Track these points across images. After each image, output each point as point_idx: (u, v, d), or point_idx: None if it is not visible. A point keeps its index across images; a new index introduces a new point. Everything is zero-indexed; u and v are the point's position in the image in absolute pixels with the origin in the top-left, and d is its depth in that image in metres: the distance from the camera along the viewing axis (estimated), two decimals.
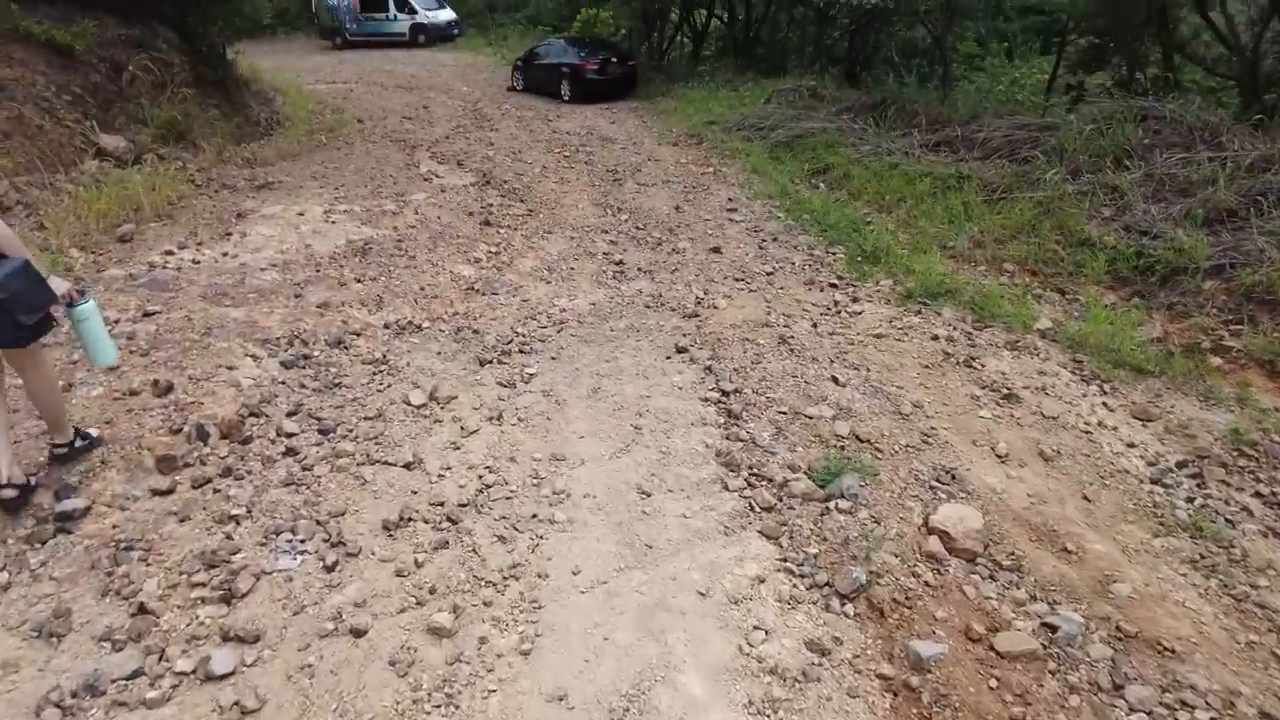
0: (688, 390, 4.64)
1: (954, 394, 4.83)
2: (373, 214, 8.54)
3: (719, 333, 5.55)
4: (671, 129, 13.86)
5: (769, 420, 4.30)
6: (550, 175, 10.73)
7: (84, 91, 10.26)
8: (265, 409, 4.21)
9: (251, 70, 17.43)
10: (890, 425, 4.35)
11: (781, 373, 4.87)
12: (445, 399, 4.30)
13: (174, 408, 4.16)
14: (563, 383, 4.63)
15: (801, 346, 5.34)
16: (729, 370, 4.87)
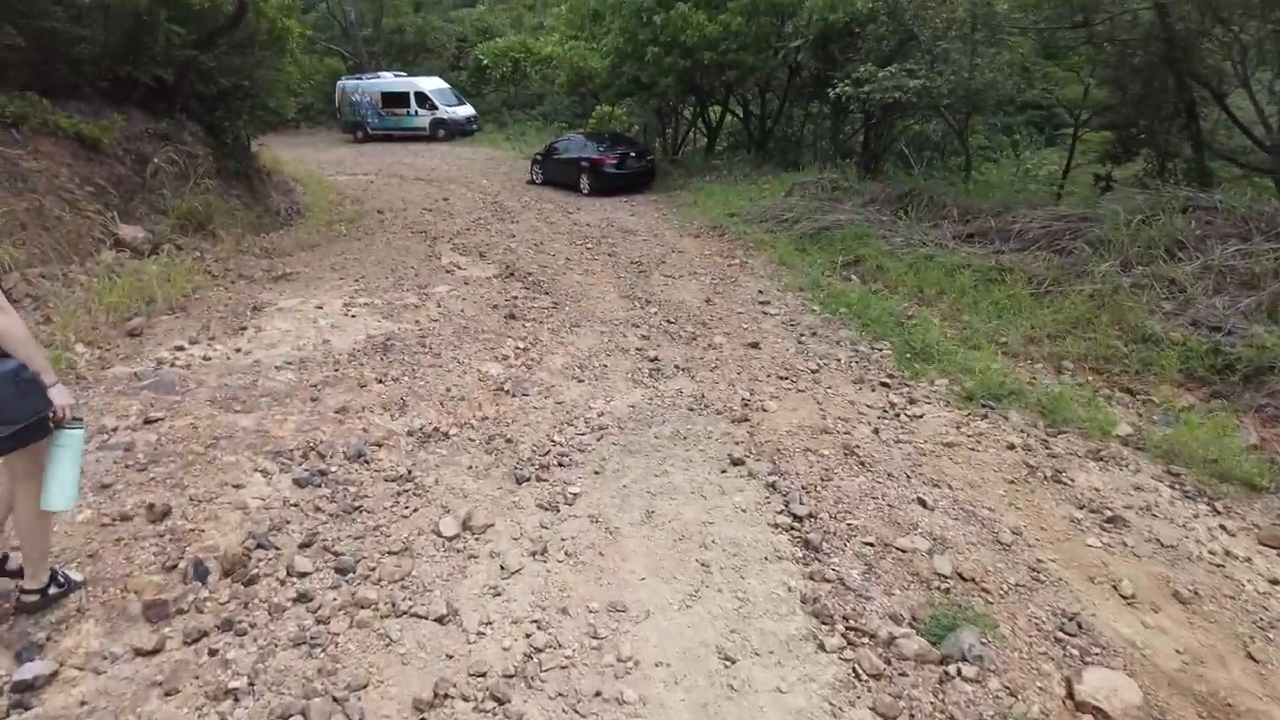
0: (753, 513, 4.02)
1: (1050, 516, 4.20)
2: (394, 307, 8.08)
3: (775, 441, 4.96)
4: (692, 221, 13.58)
5: (855, 553, 3.66)
6: (574, 267, 10.34)
7: (107, 183, 9.99)
8: (275, 539, 3.59)
9: (274, 162, 17.42)
10: (993, 558, 3.71)
11: (858, 492, 4.25)
12: (480, 528, 3.68)
13: (170, 537, 3.55)
14: (611, 505, 4.01)
15: (871, 459, 4.74)
16: (796, 489, 4.26)
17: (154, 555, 3.43)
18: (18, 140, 9.06)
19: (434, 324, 7.61)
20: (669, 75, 16.73)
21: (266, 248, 11.32)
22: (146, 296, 7.54)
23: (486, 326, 7.60)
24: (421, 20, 32.16)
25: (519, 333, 7.47)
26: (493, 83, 29.07)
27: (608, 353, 6.87)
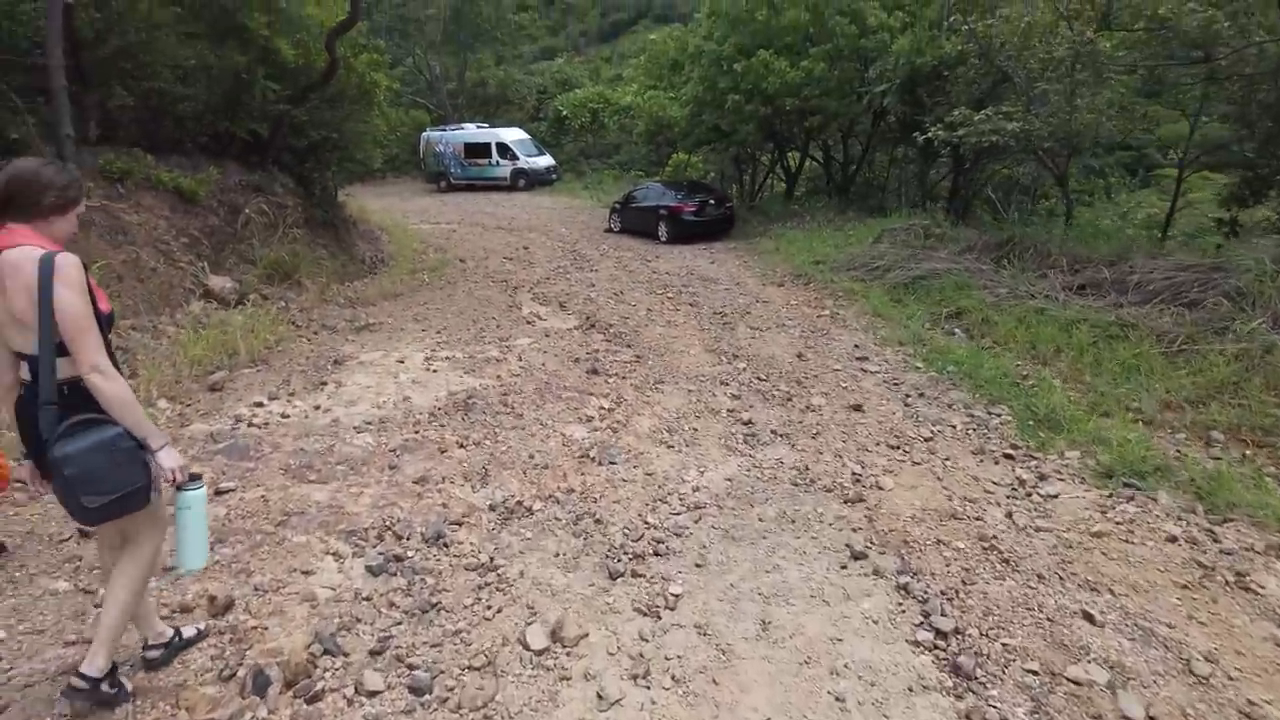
0: (887, 625, 3.39)
1: (1246, 637, 3.44)
2: (475, 361, 7.74)
3: (899, 529, 4.32)
4: (775, 269, 13.04)
5: (1017, 684, 3.00)
6: (656, 318, 9.88)
7: (201, 234, 10.05)
8: (344, 641, 3.14)
9: (360, 211, 17.64)
10: (1190, 697, 2.99)
11: (1008, 600, 3.57)
12: (572, 639, 3.15)
13: (230, 637, 3.14)
14: (720, 611, 3.44)
15: (1014, 553, 4.05)
16: (934, 594, 3.61)
17: (211, 659, 3.01)
18: (121, 194, 9.18)
19: (515, 379, 7.22)
20: (749, 122, 16.37)
21: (351, 297, 11.24)
22: (230, 349, 7.38)
23: (569, 383, 7.17)
24: (503, 73, 32.86)
25: (602, 390, 7.01)
26: (571, 133, 29.34)
27: (697, 414, 6.34)
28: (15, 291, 2.31)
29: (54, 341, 2.34)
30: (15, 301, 2.32)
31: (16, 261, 2.31)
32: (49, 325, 2.31)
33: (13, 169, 2.42)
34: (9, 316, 2.35)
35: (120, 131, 10.29)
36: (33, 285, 2.29)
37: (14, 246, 2.34)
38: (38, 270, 2.29)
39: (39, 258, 2.31)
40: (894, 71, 14.64)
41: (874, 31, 14.99)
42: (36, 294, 2.29)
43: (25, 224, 2.40)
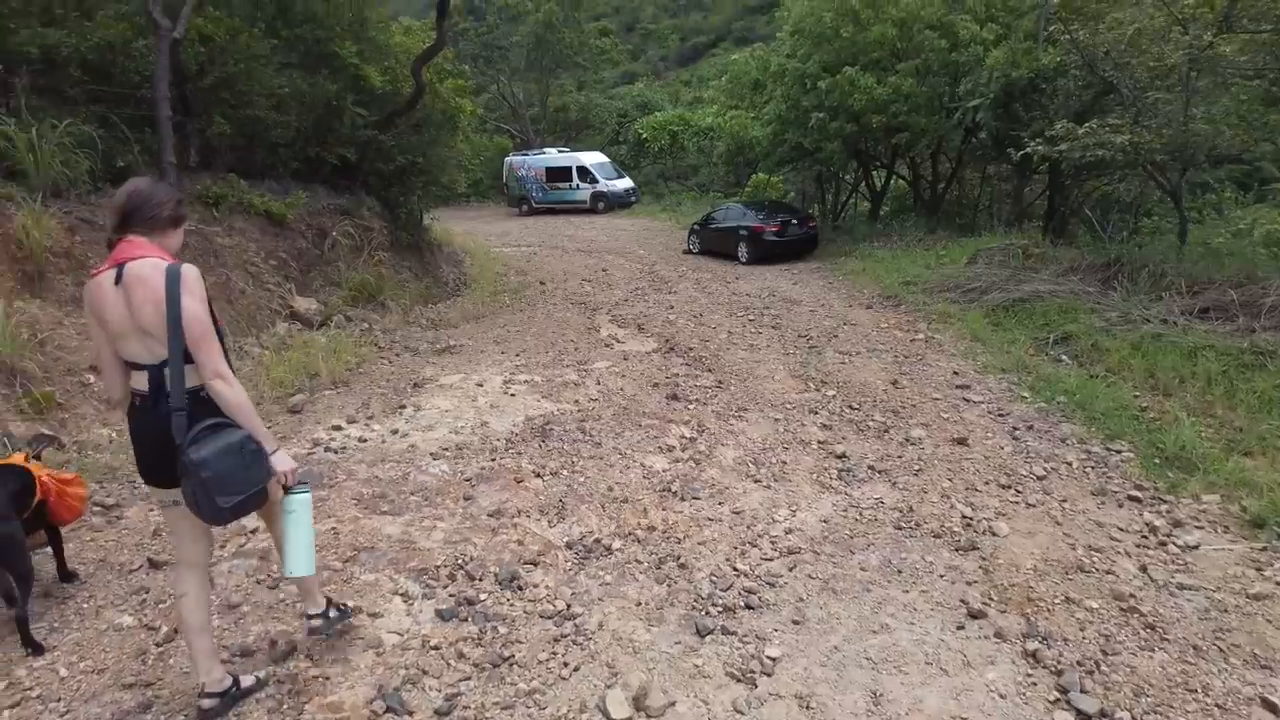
0: (1016, 700, 2.91)
1: None
2: (554, 385, 7.51)
3: (1020, 583, 3.81)
4: (862, 290, 12.47)
5: None
6: (737, 341, 9.49)
7: (289, 256, 10.20)
8: (408, 698, 2.86)
9: (445, 234, 17.83)
10: None
11: (1161, 677, 3.04)
12: (658, 710, 2.77)
13: (289, 688, 2.90)
14: (823, 679, 3.01)
15: (1159, 617, 3.49)
16: (1070, 665, 3.10)
17: (268, 713, 2.78)
18: (216, 218, 9.37)
19: (594, 404, 6.95)
20: (834, 140, 15.88)
21: (433, 318, 11.24)
22: (311, 370, 7.35)
23: (648, 408, 6.85)
24: (584, 98, 33.18)
25: (683, 416, 6.66)
26: (650, 155, 29.30)
27: (785, 445, 5.91)
28: (143, 302, 2.36)
29: (183, 350, 2.40)
30: (142, 311, 2.37)
31: (143, 273, 2.38)
32: (178, 334, 2.37)
33: (131, 185, 2.53)
34: (133, 326, 2.40)
35: (218, 158, 10.57)
36: (160, 295, 2.36)
37: (137, 258, 2.41)
38: (165, 280, 2.37)
39: (165, 268, 2.39)
40: (987, 86, 13.94)
41: (966, 45, 14.33)
42: (164, 304, 2.36)
43: (144, 237, 2.48)
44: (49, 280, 6.19)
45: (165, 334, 2.38)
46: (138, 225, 2.48)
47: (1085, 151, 10.69)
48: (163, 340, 2.40)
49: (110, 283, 2.41)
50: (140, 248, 2.45)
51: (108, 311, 2.41)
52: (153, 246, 2.49)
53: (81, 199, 7.42)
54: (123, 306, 2.39)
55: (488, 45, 29.28)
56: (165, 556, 3.88)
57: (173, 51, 9.60)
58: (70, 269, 6.44)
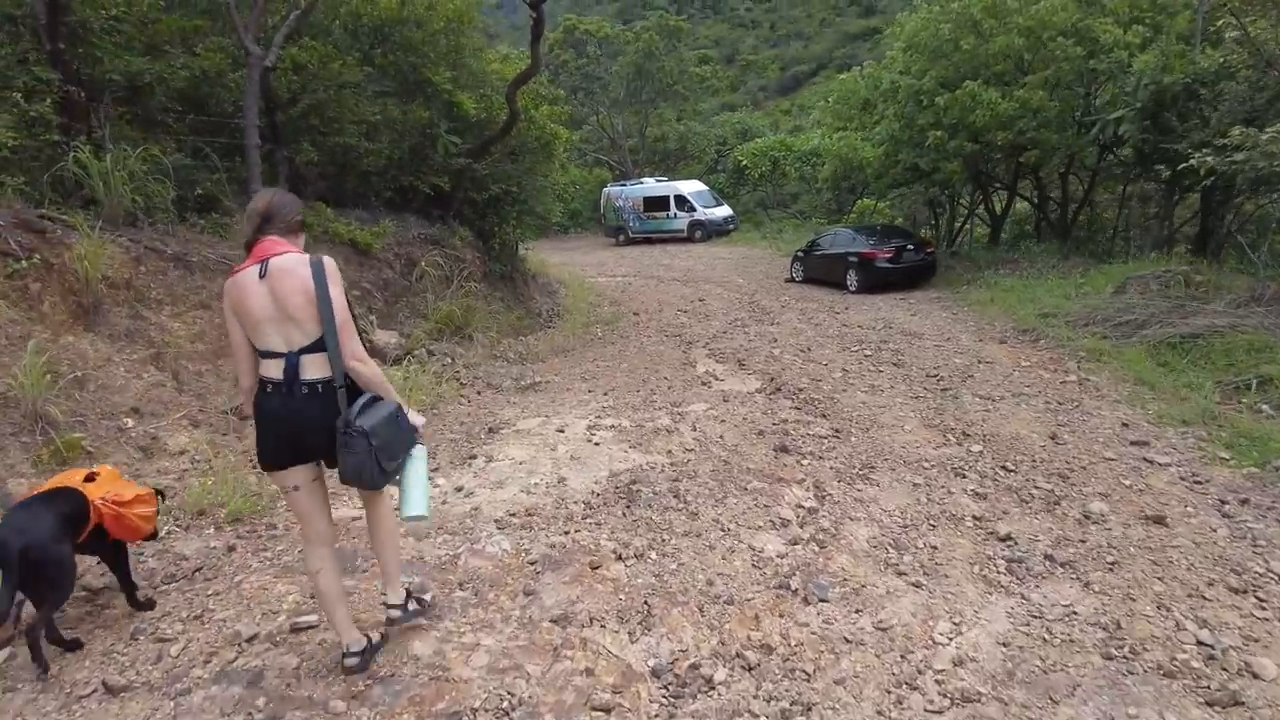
0: None
1: None
2: (644, 432, 6.48)
3: None
4: (993, 323, 10.95)
5: None
6: (854, 380, 8.23)
7: (373, 287, 9.63)
8: None
9: (540, 265, 17.26)
10: None
11: None
12: None
13: None
14: None
15: None
16: None
17: None
18: None
19: (689, 457, 5.88)
20: (953, 160, 14.39)
21: (521, 351, 10.47)
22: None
23: (753, 463, 5.72)
24: (683, 128, 32.42)
25: (795, 474, 5.50)
26: (750, 182, 28.17)
27: (931, 522, 4.66)
28: (290, 291, 2.51)
29: (336, 334, 2.56)
30: (290, 300, 2.52)
31: (289, 265, 2.56)
32: (331, 318, 2.54)
33: (269, 193, 2.78)
34: (279, 314, 2.54)
35: (307, 186, 10.18)
36: (309, 285, 2.53)
37: (279, 254, 2.58)
38: (311, 272, 2.55)
39: (309, 261, 2.58)
40: (1133, 95, 12.24)
41: (1106, 51, 12.66)
42: (313, 293, 2.53)
43: (281, 237, 2.68)
44: (104, 313, 5.64)
45: (308, 322, 2.55)
46: (275, 227, 2.68)
47: (1272, 161, 8.95)
48: (304, 329, 2.56)
49: (254, 277, 2.55)
50: (280, 245, 2.64)
51: (250, 301, 2.55)
52: (290, 244, 2.69)
53: (159, 227, 6.96)
54: (267, 297, 2.54)
55: (588, 77, 29.02)
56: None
57: (263, 79, 9.26)
58: (128, 300, 5.89)
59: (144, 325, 5.80)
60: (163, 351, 5.73)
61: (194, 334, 6.15)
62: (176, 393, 5.54)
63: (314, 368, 2.62)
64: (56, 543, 2.95)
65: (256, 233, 2.68)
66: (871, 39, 60.29)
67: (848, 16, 64.02)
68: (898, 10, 65.63)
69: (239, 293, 2.59)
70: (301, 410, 2.62)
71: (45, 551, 2.86)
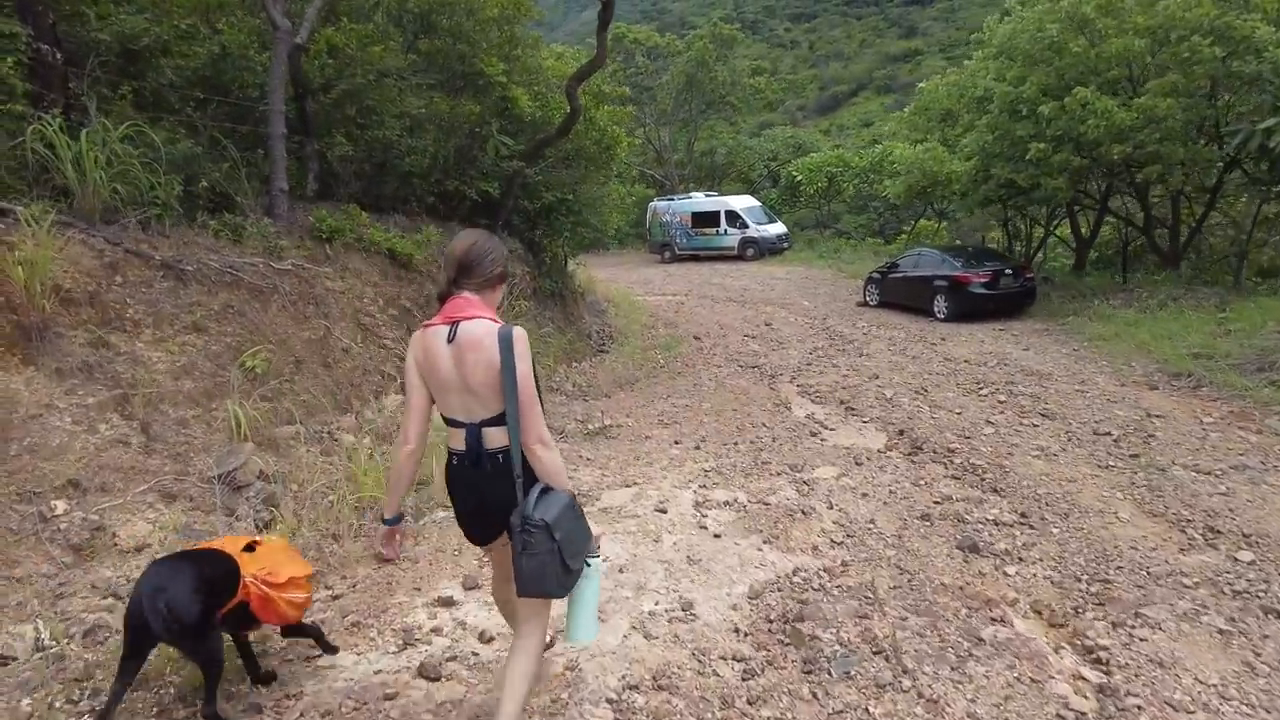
0: None
1: None
2: (769, 512, 4.73)
3: None
4: (1129, 363, 9.06)
5: None
6: (1009, 437, 6.42)
7: (413, 305, 7.97)
8: None
9: (587, 281, 15.62)
10: None
11: None
12: None
13: None
14: None
15: None
16: None
17: None
18: (327, 257, 7.27)
19: (845, 556, 4.14)
20: (1057, 176, 12.53)
21: (580, 384, 8.77)
22: (424, 475, 4.89)
23: (944, 575, 3.97)
24: (733, 141, 30.60)
25: (1006, 593, 3.76)
26: (802, 199, 26.31)
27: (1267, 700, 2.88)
28: (476, 364, 2.25)
29: (518, 413, 2.25)
30: (474, 373, 2.26)
31: (477, 334, 2.26)
32: (514, 398, 2.24)
33: (470, 238, 2.40)
34: (461, 384, 2.29)
35: (340, 187, 8.58)
36: (494, 359, 2.24)
37: (472, 319, 2.27)
38: (499, 345, 2.24)
39: (498, 332, 2.26)
40: None
41: (1257, 51, 10.79)
42: (498, 368, 2.23)
43: (475, 294, 2.35)
44: (52, 339, 4.00)
45: (491, 398, 2.27)
46: (473, 281, 2.34)
47: None
48: (485, 402, 2.28)
49: (444, 339, 2.27)
50: (473, 306, 2.31)
51: (439, 363, 2.28)
52: (482, 305, 2.33)
53: (152, 226, 5.35)
54: (452, 364, 2.27)
55: (636, 87, 27.45)
56: None
57: (292, 59, 7.71)
58: (91, 321, 4.25)
59: (109, 356, 4.16)
60: (132, 393, 4.07)
61: (179, 367, 4.50)
62: (143, 453, 3.87)
63: (495, 439, 2.31)
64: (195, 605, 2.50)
65: (451, 285, 2.37)
66: (912, 60, 58.61)
67: (888, 38, 62.30)
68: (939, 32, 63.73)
69: (428, 352, 2.31)
70: (490, 483, 2.33)
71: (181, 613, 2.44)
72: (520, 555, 2.21)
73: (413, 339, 2.38)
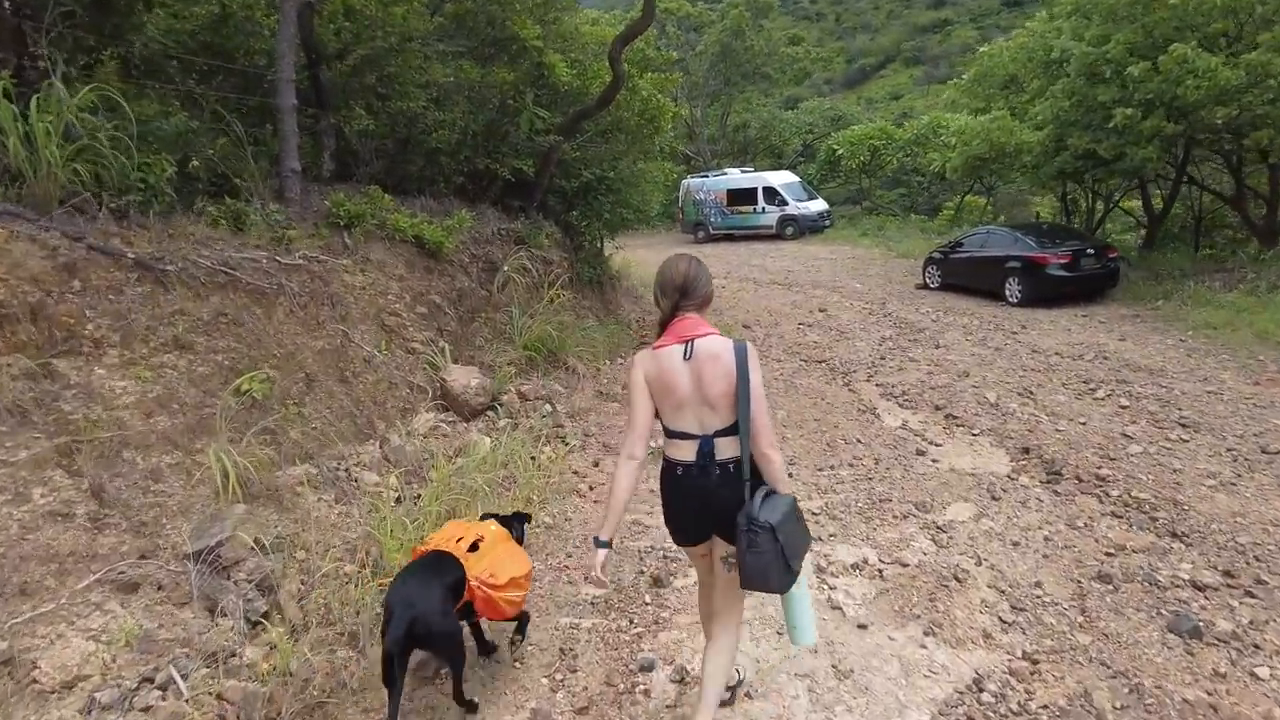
0: None
1: None
2: (918, 583, 3.59)
3: None
4: (1256, 356, 7.77)
5: None
6: (1162, 455, 5.21)
7: (444, 301, 6.87)
8: None
9: (624, 265, 14.44)
10: None
11: None
12: None
13: None
14: None
15: None
16: None
17: None
18: (346, 247, 6.18)
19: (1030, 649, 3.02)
20: (1146, 145, 11.11)
21: None
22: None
23: (1174, 681, 2.86)
24: (767, 114, 28.91)
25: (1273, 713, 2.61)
26: (843, 174, 24.69)
27: None
28: (715, 377, 2.33)
29: (751, 420, 2.33)
30: (714, 385, 2.33)
31: (716, 350, 2.35)
32: (747, 406, 2.32)
33: (680, 262, 2.47)
34: (698, 398, 2.36)
35: (360, 167, 7.48)
36: (732, 371, 2.32)
37: (705, 335, 2.36)
38: (734, 358, 2.33)
39: (733, 346, 2.36)
40: None
41: None
42: (735, 379, 2.31)
43: (698, 314, 2.44)
44: None
45: (725, 409, 2.35)
46: (693, 302, 2.43)
47: None
48: (720, 414, 2.36)
49: (680, 357, 2.36)
50: (702, 324, 2.41)
51: (677, 380, 2.35)
52: (707, 323, 2.43)
53: (131, 217, 4.29)
54: (690, 379, 2.35)
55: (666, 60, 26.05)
56: None
57: (302, 20, 6.61)
58: (32, 345, 3.19)
59: (52, 391, 3.09)
60: (81, 441, 3.01)
61: (153, 399, 3.43)
62: (91, 528, 2.80)
63: (725, 449, 2.38)
64: (445, 616, 2.70)
65: (675, 309, 2.43)
66: (942, 30, 56.10)
67: (916, 8, 59.71)
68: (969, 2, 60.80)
69: (663, 371, 2.37)
70: (716, 491, 2.39)
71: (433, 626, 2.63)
72: (746, 552, 2.31)
73: (639, 359, 2.46)
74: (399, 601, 2.62)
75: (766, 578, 2.33)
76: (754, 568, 2.32)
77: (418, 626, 2.58)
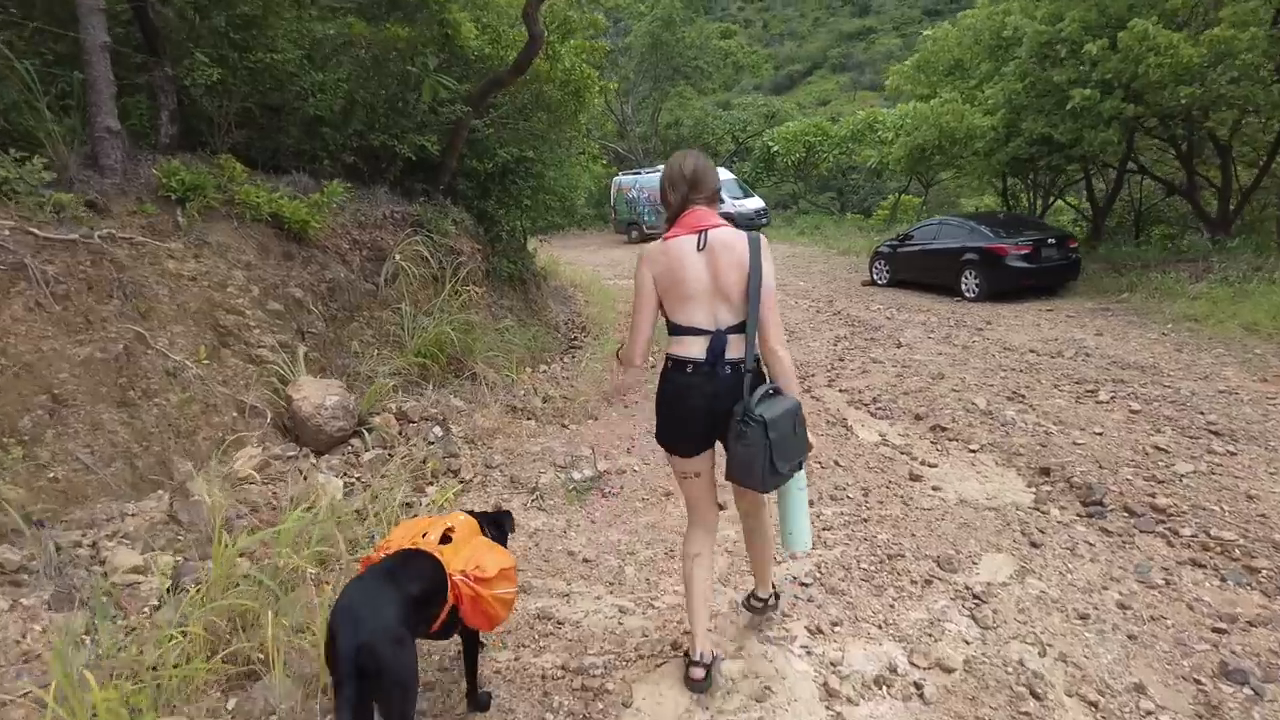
0: None
1: None
2: (974, 705, 2.32)
3: None
4: (1250, 350, 6.92)
5: None
6: (1216, 474, 4.13)
7: (309, 295, 5.30)
8: None
9: (551, 263, 13.03)
10: None
11: None
12: None
13: None
14: None
15: None
16: None
17: None
18: (178, 227, 4.62)
19: None
20: (1105, 127, 10.35)
21: (555, 402, 6.16)
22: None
23: None
24: (700, 111, 27.76)
25: None
26: (778, 172, 23.73)
27: None
28: (729, 266, 2.19)
29: (760, 314, 2.21)
30: (727, 276, 2.20)
31: (730, 240, 2.22)
32: (758, 298, 2.19)
33: (688, 155, 2.37)
34: (712, 290, 2.21)
35: (216, 136, 5.86)
36: (745, 261, 2.19)
37: (718, 226, 2.25)
38: (748, 247, 2.21)
39: (747, 236, 2.24)
40: None
41: None
42: (747, 269, 2.18)
43: (707, 207, 2.31)
44: None
45: (739, 300, 2.21)
46: (702, 194, 2.31)
47: None
48: (733, 307, 2.22)
49: (692, 247, 2.21)
50: (713, 216, 2.29)
51: (687, 273, 2.21)
52: (717, 215, 2.31)
53: None
54: (704, 271, 2.21)
55: None
56: None
57: None
58: None
59: None
60: None
61: None
62: None
63: (736, 348, 2.25)
64: (399, 643, 1.93)
65: (685, 202, 2.30)
66: (866, 38, 56.48)
67: (841, 16, 60.06)
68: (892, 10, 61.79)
69: (674, 262, 2.23)
70: (723, 392, 2.26)
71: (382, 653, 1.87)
72: (735, 442, 2.20)
73: (647, 254, 2.30)
74: (345, 621, 1.91)
75: (749, 470, 2.21)
76: (740, 457, 2.21)
77: (363, 656, 1.86)
